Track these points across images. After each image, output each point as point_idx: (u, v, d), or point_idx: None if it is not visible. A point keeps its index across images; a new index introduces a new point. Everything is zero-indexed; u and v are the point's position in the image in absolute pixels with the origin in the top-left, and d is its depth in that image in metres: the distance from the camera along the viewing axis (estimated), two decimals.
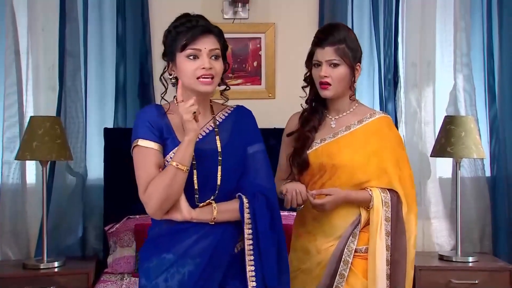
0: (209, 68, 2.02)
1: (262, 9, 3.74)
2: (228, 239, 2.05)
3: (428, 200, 3.75)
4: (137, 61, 3.64)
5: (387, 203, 2.32)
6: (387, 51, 3.72)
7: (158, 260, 2.02)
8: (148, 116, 2.07)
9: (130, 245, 3.35)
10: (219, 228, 2.03)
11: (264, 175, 2.11)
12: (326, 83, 2.35)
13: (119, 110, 3.64)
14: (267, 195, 2.07)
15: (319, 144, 2.38)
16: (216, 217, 2.02)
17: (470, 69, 3.74)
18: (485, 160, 3.73)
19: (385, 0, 3.71)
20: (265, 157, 2.14)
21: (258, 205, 2.04)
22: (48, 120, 3.35)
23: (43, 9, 3.59)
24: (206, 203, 2.04)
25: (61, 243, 3.55)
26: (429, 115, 3.77)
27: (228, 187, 2.06)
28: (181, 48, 2.03)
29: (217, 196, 2.05)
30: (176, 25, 2.08)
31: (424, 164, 3.74)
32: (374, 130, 2.40)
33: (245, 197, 2.04)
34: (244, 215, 2.03)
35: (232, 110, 2.18)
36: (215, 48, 2.06)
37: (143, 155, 2.02)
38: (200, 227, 2.02)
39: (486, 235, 3.75)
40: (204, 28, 2.05)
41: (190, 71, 2.02)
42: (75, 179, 3.59)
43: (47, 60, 3.61)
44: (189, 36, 2.03)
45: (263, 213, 2.04)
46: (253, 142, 2.13)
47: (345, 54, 2.34)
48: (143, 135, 2.03)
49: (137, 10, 3.62)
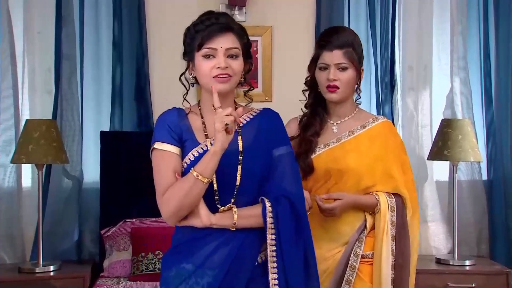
0: (224, 67, 1.93)
1: (259, 12, 3.75)
2: (250, 246, 1.96)
3: (425, 203, 3.75)
4: (134, 64, 3.65)
5: (393, 207, 2.33)
6: (384, 54, 3.73)
7: (178, 269, 1.96)
8: (167, 119, 2.00)
9: (126, 249, 3.34)
10: (241, 235, 1.94)
11: (290, 178, 2.00)
12: (334, 86, 2.35)
13: (115, 113, 3.64)
14: (291, 199, 1.97)
15: (322, 149, 2.38)
16: (237, 223, 1.93)
17: (467, 72, 3.75)
18: (482, 164, 3.74)
19: (381, 3, 3.72)
20: (291, 160, 2.03)
21: (281, 209, 1.94)
22: (44, 123, 3.35)
23: (39, 12, 3.59)
24: (227, 207, 1.95)
25: (57, 246, 3.55)
26: (426, 118, 3.77)
27: (249, 189, 1.97)
28: (197, 47, 1.96)
29: (237, 199, 1.95)
30: (196, 23, 2.00)
31: (421, 167, 3.74)
32: (377, 134, 2.41)
33: (267, 201, 1.95)
34: (267, 220, 1.93)
35: (257, 112, 2.09)
36: (233, 47, 1.96)
37: (160, 158, 1.96)
38: (220, 233, 1.94)
39: (483, 239, 3.75)
40: (222, 26, 1.96)
41: (205, 70, 1.95)
42: (71, 183, 3.59)
43: (43, 63, 3.61)
44: (205, 35, 1.95)
45: (286, 218, 1.94)
46: (279, 145, 2.02)
47: (353, 58, 2.35)
48: (160, 138, 1.97)
49: (133, 13, 3.62)
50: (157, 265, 3.21)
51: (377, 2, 3.72)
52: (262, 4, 3.74)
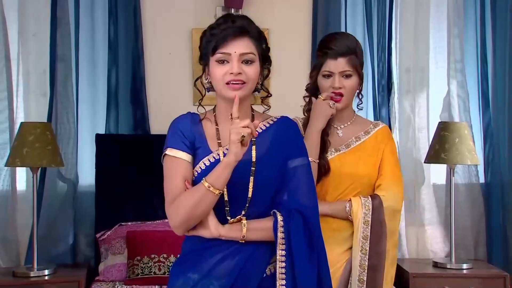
0: (237, 73, 1.86)
1: (255, 15, 3.65)
2: (257, 260, 1.90)
3: (422, 206, 3.76)
4: (129, 66, 3.64)
5: (367, 206, 2.34)
6: (381, 57, 3.73)
7: (184, 279, 1.91)
8: (180, 125, 1.95)
9: (122, 253, 3.33)
10: (249, 248, 1.89)
11: (304, 191, 1.92)
12: (339, 94, 2.37)
13: (111, 116, 3.63)
14: (304, 213, 1.89)
15: (334, 153, 2.40)
16: (246, 235, 1.87)
17: (464, 75, 3.76)
18: (479, 167, 3.74)
19: (378, 6, 3.73)
20: (307, 172, 1.96)
21: (293, 223, 1.86)
22: (39, 126, 3.34)
23: (34, 14, 3.58)
24: (236, 219, 1.89)
25: (52, 250, 3.53)
26: (423, 121, 3.78)
27: (261, 201, 1.90)
28: (212, 51, 1.89)
29: (248, 211, 1.89)
30: (212, 26, 1.93)
31: (418, 171, 3.75)
32: (380, 140, 2.45)
33: (279, 215, 1.87)
34: (278, 234, 1.86)
35: (274, 121, 2.01)
36: (248, 52, 1.89)
37: (170, 165, 1.91)
38: (228, 245, 1.89)
39: (481, 242, 3.76)
40: (237, 30, 1.88)
41: (219, 76, 1.88)
42: (66, 186, 3.57)
43: (38, 66, 3.59)
44: (219, 39, 1.88)
45: (299, 233, 1.86)
46: (294, 156, 1.94)
47: (356, 64, 2.37)
48: (172, 144, 1.92)
49: (129, 15, 3.62)
50: (152, 268, 3.20)
51: (373, 4, 3.73)
52: (258, 6, 3.74)
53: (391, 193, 2.39)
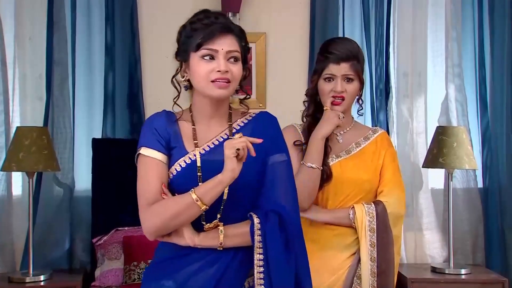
0: (225, 71, 1.80)
1: (252, 19, 3.76)
2: (238, 267, 1.82)
3: (420, 211, 3.76)
4: (126, 71, 3.64)
5: (371, 213, 2.35)
6: (379, 60, 3.74)
7: (156, 286, 1.82)
8: (155, 122, 1.88)
9: (119, 258, 3.33)
10: (228, 255, 1.81)
11: (282, 190, 1.84)
12: (340, 98, 2.38)
13: (107, 120, 3.63)
14: (281, 213, 1.80)
15: (336, 159, 2.41)
16: (224, 242, 1.79)
17: (462, 79, 3.77)
18: (477, 171, 3.75)
19: (376, 10, 3.74)
20: (286, 169, 1.87)
21: (269, 225, 1.78)
22: (35, 130, 3.34)
23: (30, 18, 3.58)
24: (213, 225, 1.81)
25: (48, 255, 3.53)
26: (421, 125, 3.79)
27: (238, 203, 1.82)
28: (196, 47, 1.82)
29: (225, 215, 1.81)
30: (193, 21, 1.87)
31: (416, 175, 3.75)
32: (380, 146, 2.48)
33: (256, 217, 1.79)
34: (255, 238, 1.78)
35: (253, 116, 1.95)
36: (234, 50, 1.84)
37: (144, 165, 1.84)
38: (206, 253, 1.81)
39: (479, 247, 3.76)
40: (223, 26, 1.84)
41: (203, 73, 1.81)
42: (62, 191, 3.57)
43: (34, 70, 3.59)
44: (205, 34, 1.81)
45: (275, 236, 1.78)
46: (274, 152, 1.86)
47: (358, 69, 2.39)
48: (146, 143, 1.85)
49: (126, 19, 3.63)
50: None
51: (371, 8, 3.74)
52: (256, 10, 3.75)
53: (394, 198, 2.41)
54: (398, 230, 2.43)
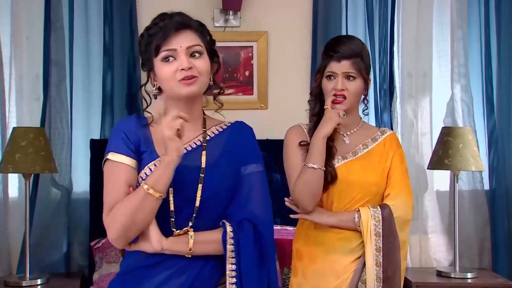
0: (188, 68, 1.77)
1: (254, 17, 3.75)
2: (208, 276, 1.78)
3: (425, 213, 3.75)
4: (125, 71, 3.63)
5: (377, 217, 2.33)
6: (383, 60, 3.73)
7: None
8: (124, 127, 1.84)
9: (117, 261, 3.32)
10: (197, 263, 1.76)
11: (257, 200, 1.82)
12: (341, 96, 2.37)
13: (106, 121, 3.62)
14: (256, 223, 1.78)
15: (341, 161, 2.39)
16: (193, 249, 1.74)
17: (468, 79, 3.76)
18: (483, 173, 3.73)
19: (380, 9, 3.73)
20: (261, 180, 1.86)
21: (243, 235, 1.75)
22: (32, 131, 3.33)
23: (27, 17, 3.57)
24: (182, 232, 1.76)
25: (45, 259, 3.52)
26: (426, 126, 3.77)
27: (210, 211, 1.79)
28: (155, 51, 1.80)
29: (196, 222, 1.77)
30: (149, 27, 1.85)
31: (421, 177, 3.74)
32: (389, 147, 2.46)
33: (229, 225, 1.76)
34: (227, 247, 1.74)
35: (228, 125, 1.92)
36: (195, 44, 1.81)
37: (112, 170, 1.79)
38: (175, 261, 1.76)
39: (485, 250, 3.74)
40: (177, 23, 1.81)
41: (167, 75, 1.78)
42: (60, 193, 3.56)
43: (31, 70, 3.58)
44: (160, 36, 1.79)
45: (249, 246, 1.75)
46: (249, 162, 1.85)
47: (361, 67, 2.37)
48: (114, 148, 1.81)
49: (125, 18, 3.62)
50: None
51: (375, 6, 3.72)
52: (257, 9, 3.74)
53: (401, 202, 2.39)
54: (405, 234, 2.41)
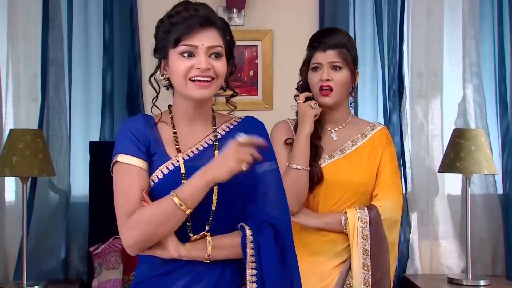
0: (206, 68, 1.74)
1: (258, 15, 3.74)
2: (228, 281, 1.76)
3: (436, 218, 3.72)
4: (126, 70, 3.62)
5: (364, 219, 2.32)
6: (392, 59, 3.70)
7: None
8: (133, 127, 1.81)
9: (117, 268, 3.31)
10: (216, 269, 1.75)
11: (275, 200, 1.80)
12: (327, 88, 2.35)
13: (105, 122, 3.60)
14: (275, 225, 1.76)
15: (328, 160, 2.38)
16: (212, 254, 1.73)
17: (480, 79, 3.73)
18: (497, 176, 3.69)
19: (389, 6, 3.70)
20: (277, 178, 1.84)
21: (263, 239, 1.73)
22: (29, 133, 3.32)
23: (24, 15, 3.55)
24: (199, 236, 1.75)
25: (42, 265, 3.50)
26: (436, 127, 3.75)
27: (227, 213, 1.77)
28: (174, 43, 1.76)
29: (213, 225, 1.76)
30: (171, 14, 1.80)
31: (432, 181, 3.71)
32: (378, 144, 2.44)
33: (248, 229, 1.75)
34: (247, 251, 1.72)
35: (238, 121, 1.90)
36: (217, 45, 1.77)
37: (122, 173, 1.78)
38: (192, 267, 1.74)
39: (499, 257, 3.71)
40: (203, 19, 1.76)
41: (181, 70, 1.75)
42: (58, 196, 3.55)
43: (28, 69, 3.57)
44: (183, 29, 1.74)
45: (270, 249, 1.73)
46: (264, 159, 1.80)
47: (347, 58, 2.37)
48: (124, 150, 1.78)
49: (125, 15, 3.60)
50: None
51: (384, 3, 3.69)
52: (262, 6, 3.73)
53: (389, 203, 2.38)
54: (395, 236, 2.41)
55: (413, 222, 3.67)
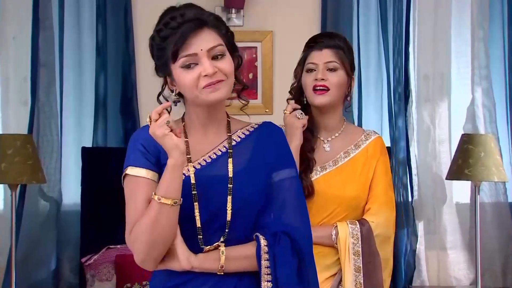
0: (213, 73, 1.72)
1: (258, 16, 3.74)
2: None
3: (443, 228, 3.72)
4: (120, 72, 3.62)
5: (355, 235, 2.32)
6: (397, 62, 3.71)
7: None
8: (142, 138, 1.80)
9: (110, 279, 3.31)
10: (231, 280, 1.74)
11: (293, 209, 1.78)
12: (323, 87, 2.35)
13: (98, 127, 3.61)
14: (292, 235, 1.74)
15: (320, 172, 2.38)
16: (225, 266, 1.72)
17: (490, 82, 3.73)
18: (507, 184, 3.69)
19: (394, 5, 3.70)
20: (295, 186, 1.82)
21: (279, 249, 1.72)
22: (19, 138, 3.30)
23: (14, 16, 3.57)
24: (213, 247, 1.74)
25: (32, 276, 3.49)
26: (444, 133, 3.75)
27: (243, 225, 1.76)
28: (172, 58, 1.74)
29: (228, 237, 1.74)
30: (160, 29, 1.77)
31: (439, 188, 3.71)
32: (372, 155, 2.44)
33: (263, 239, 1.73)
34: (262, 263, 1.72)
35: (255, 127, 1.88)
36: (216, 44, 1.75)
37: (132, 186, 1.77)
38: (205, 279, 1.74)
39: (509, 268, 3.70)
40: (193, 24, 1.73)
41: (190, 83, 1.73)
42: (49, 205, 3.55)
43: (18, 72, 3.58)
44: (176, 41, 1.72)
45: (286, 262, 1.72)
46: (280, 167, 1.81)
47: (344, 59, 2.37)
48: (133, 162, 1.78)
49: (119, 16, 3.61)
50: None
51: (389, 3, 3.70)
52: (262, 6, 3.73)
53: (382, 218, 2.37)
54: (388, 252, 2.40)
55: (420, 232, 3.66)
